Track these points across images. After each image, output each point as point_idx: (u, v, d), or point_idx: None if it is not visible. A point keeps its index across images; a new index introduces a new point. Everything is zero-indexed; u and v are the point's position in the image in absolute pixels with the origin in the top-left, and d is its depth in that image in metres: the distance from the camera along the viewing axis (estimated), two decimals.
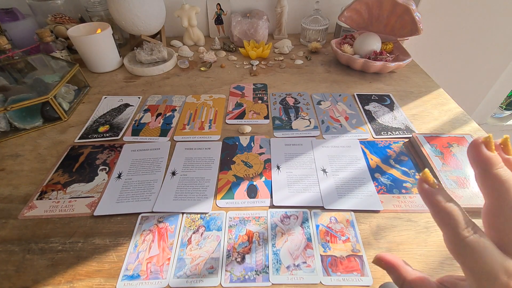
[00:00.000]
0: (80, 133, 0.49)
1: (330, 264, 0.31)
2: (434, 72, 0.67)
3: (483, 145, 0.17)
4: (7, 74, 0.56)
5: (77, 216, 0.36)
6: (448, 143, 0.44)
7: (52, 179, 0.41)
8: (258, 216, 0.36)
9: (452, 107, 0.54)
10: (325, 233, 0.34)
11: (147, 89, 0.61)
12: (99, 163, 0.43)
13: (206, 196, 0.38)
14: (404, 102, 0.55)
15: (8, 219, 0.36)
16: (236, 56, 0.74)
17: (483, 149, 0.17)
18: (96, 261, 0.32)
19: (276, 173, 0.41)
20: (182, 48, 0.74)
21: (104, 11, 0.75)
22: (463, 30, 0.81)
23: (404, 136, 0.47)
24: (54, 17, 0.69)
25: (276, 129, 0.49)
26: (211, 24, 0.82)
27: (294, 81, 0.63)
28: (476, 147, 0.17)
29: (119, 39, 0.80)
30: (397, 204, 0.37)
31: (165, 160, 0.44)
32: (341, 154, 0.44)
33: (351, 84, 0.61)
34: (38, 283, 0.30)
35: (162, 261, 0.31)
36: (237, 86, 0.61)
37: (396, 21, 0.61)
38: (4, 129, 0.48)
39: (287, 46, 0.75)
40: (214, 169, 0.42)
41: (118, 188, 0.40)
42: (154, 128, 0.50)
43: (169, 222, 0.35)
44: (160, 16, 0.70)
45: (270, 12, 0.81)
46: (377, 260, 0.23)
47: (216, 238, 0.33)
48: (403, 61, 0.59)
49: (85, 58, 0.65)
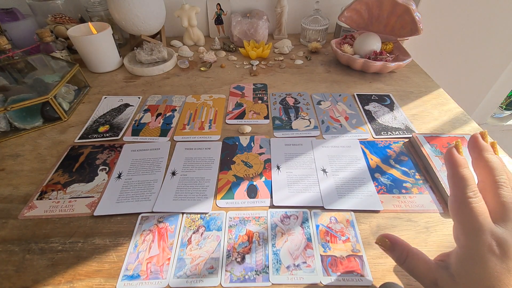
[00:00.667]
0: (80, 133, 0.49)
1: (330, 264, 0.31)
2: (434, 72, 0.67)
3: (454, 149, 0.23)
4: (7, 74, 0.56)
5: (77, 216, 0.36)
6: (448, 143, 0.44)
7: (52, 179, 0.41)
8: (258, 216, 0.36)
9: (452, 107, 0.54)
10: (325, 233, 0.34)
11: (147, 89, 0.61)
12: (99, 163, 0.43)
13: (206, 196, 0.38)
14: (404, 102, 0.55)
15: (8, 219, 0.36)
16: (236, 56, 0.74)
17: (455, 152, 0.23)
18: (96, 261, 0.32)
19: (276, 173, 0.41)
20: (182, 48, 0.74)
21: (104, 11, 0.75)
22: (463, 30, 0.81)
23: (404, 136, 0.47)
24: (54, 17, 0.69)
25: (276, 129, 0.49)
26: (211, 24, 0.82)
27: (294, 81, 0.63)
28: (449, 151, 0.23)
29: (119, 39, 0.80)
30: (397, 204, 0.37)
31: (165, 160, 0.44)
32: (341, 154, 0.44)
33: (351, 84, 0.61)
34: (38, 283, 0.30)
35: (162, 261, 0.31)
36: (237, 86, 0.61)
37: (396, 21, 0.61)
38: (4, 129, 0.49)
39: (287, 46, 0.75)
40: (214, 169, 0.42)
41: (118, 188, 0.40)
42: (154, 128, 0.50)
43: (169, 222, 0.35)
44: (160, 16, 0.70)
45: (270, 12, 0.81)
46: (381, 238, 0.26)
47: (216, 238, 0.33)
48: (403, 61, 0.59)
49: (85, 58, 0.65)
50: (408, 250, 0.25)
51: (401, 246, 0.25)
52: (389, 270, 0.30)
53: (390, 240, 0.26)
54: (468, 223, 0.21)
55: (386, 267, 0.31)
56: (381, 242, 0.27)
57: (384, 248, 0.26)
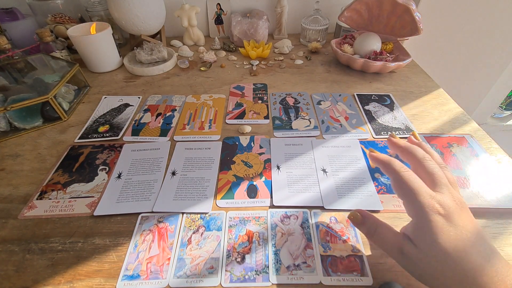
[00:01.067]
0: (80, 133, 0.49)
1: (330, 264, 0.31)
2: (434, 72, 0.67)
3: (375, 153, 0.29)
4: (7, 74, 0.56)
5: (77, 216, 0.36)
6: (448, 143, 0.44)
7: (52, 179, 0.41)
8: (258, 216, 0.36)
9: (452, 107, 0.54)
10: (325, 233, 0.34)
11: (147, 89, 0.61)
12: (99, 163, 0.43)
13: (206, 196, 0.38)
14: (404, 102, 0.55)
15: (8, 219, 0.36)
16: (236, 56, 0.74)
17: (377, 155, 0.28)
18: (96, 261, 0.32)
19: (276, 173, 0.41)
20: (182, 48, 0.74)
21: (104, 11, 0.75)
22: (463, 30, 0.81)
23: (404, 136, 0.47)
24: (54, 17, 0.69)
25: (276, 129, 0.49)
26: (211, 24, 0.82)
27: (294, 81, 0.63)
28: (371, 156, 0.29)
29: (119, 39, 0.80)
30: (397, 204, 0.37)
31: (165, 160, 0.44)
32: (341, 154, 0.44)
33: (351, 84, 0.61)
34: (38, 283, 0.30)
35: (162, 261, 0.31)
36: (237, 86, 0.61)
37: (396, 21, 0.61)
38: (4, 129, 0.48)
39: (287, 46, 0.75)
40: (214, 169, 0.42)
41: (118, 188, 0.40)
42: (154, 128, 0.50)
43: (169, 222, 0.35)
44: (160, 16, 0.70)
45: (270, 12, 0.81)
46: (354, 213, 0.30)
47: (216, 238, 0.33)
48: (403, 61, 0.59)
49: (85, 58, 0.65)
50: (377, 223, 0.28)
51: (371, 220, 0.28)
52: (389, 270, 0.30)
53: (361, 214, 0.29)
54: (409, 191, 0.24)
55: (386, 267, 0.31)
56: (353, 217, 0.29)
57: (355, 222, 0.29)
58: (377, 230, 0.27)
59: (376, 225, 0.28)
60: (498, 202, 0.36)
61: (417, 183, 0.24)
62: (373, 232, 0.28)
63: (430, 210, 0.23)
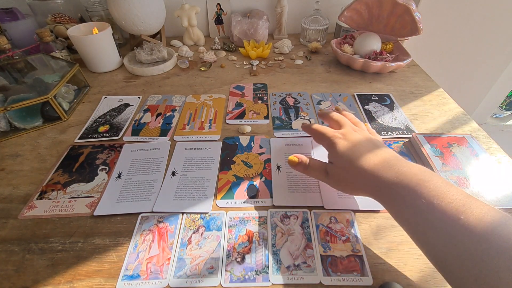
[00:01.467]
0: (80, 133, 0.49)
1: (330, 264, 0.31)
2: (434, 72, 0.67)
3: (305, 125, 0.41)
4: (7, 74, 0.56)
5: (77, 216, 0.36)
6: (448, 143, 0.44)
7: (52, 179, 0.41)
8: (258, 216, 0.36)
9: (452, 107, 0.54)
10: (325, 233, 0.34)
11: (147, 89, 0.61)
12: (99, 163, 0.43)
13: (206, 196, 0.38)
14: (404, 102, 0.55)
15: (8, 219, 0.36)
16: (236, 56, 0.74)
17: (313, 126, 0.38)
18: (96, 261, 0.32)
19: (276, 173, 0.41)
20: (182, 48, 0.74)
21: (104, 11, 0.75)
22: (463, 30, 0.81)
23: (404, 136, 0.47)
24: (54, 17, 0.69)
25: (276, 129, 0.49)
26: (211, 24, 0.82)
27: (294, 81, 0.63)
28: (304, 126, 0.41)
29: (119, 39, 0.80)
30: None
31: (165, 160, 0.44)
32: None
33: (351, 84, 0.61)
34: (38, 283, 0.30)
35: (162, 261, 0.31)
36: (237, 86, 0.61)
37: (396, 21, 0.61)
38: (4, 129, 0.48)
39: (287, 46, 0.75)
40: (214, 169, 0.42)
41: (118, 188, 0.40)
42: (154, 128, 0.50)
43: (169, 222, 0.35)
44: (160, 16, 0.70)
45: (270, 12, 0.81)
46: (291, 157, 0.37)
47: (216, 238, 0.33)
48: (403, 61, 0.59)
49: (85, 58, 0.65)
50: (308, 158, 0.36)
51: (303, 159, 0.36)
52: (389, 270, 0.30)
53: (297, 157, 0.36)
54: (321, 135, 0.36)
55: (386, 267, 0.31)
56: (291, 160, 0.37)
57: (293, 164, 0.36)
58: (309, 164, 0.35)
59: (307, 160, 0.36)
60: (498, 202, 0.36)
61: (325, 128, 0.36)
62: (307, 166, 0.35)
63: (333, 137, 0.34)
